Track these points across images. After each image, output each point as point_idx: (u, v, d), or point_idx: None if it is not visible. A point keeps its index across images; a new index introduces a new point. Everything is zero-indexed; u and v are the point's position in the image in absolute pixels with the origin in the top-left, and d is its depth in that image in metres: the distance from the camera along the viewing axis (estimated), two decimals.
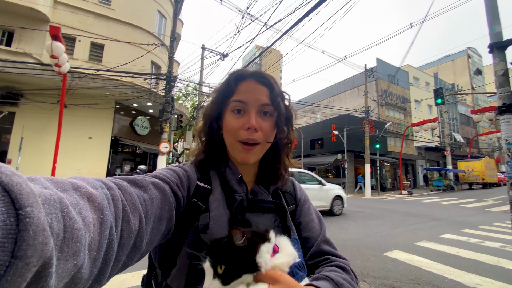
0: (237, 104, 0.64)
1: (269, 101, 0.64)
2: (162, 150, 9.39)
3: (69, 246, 0.25)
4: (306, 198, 0.78)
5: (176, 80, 10.14)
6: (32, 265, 0.20)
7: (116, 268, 0.36)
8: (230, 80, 0.66)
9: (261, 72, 0.67)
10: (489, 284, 3.36)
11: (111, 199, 0.37)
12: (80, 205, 0.30)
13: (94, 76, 9.89)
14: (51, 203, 0.25)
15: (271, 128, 0.66)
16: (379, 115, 22.30)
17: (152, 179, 0.51)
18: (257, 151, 0.65)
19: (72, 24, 11.21)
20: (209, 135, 0.69)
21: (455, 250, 4.77)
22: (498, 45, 2.32)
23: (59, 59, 6.15)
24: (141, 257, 0.44)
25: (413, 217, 8.41)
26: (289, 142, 0.73)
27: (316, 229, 0.70)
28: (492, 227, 6.93)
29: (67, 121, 9.44)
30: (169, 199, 0.51)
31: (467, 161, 23.72)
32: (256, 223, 0.60)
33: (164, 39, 14.12)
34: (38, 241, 0.21)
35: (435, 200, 14.21)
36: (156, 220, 0.46)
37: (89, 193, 0.33)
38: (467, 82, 36.01)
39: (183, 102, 23.41)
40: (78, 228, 0.27)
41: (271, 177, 0.71)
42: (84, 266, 0.28)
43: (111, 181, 0.42)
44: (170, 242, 0.56)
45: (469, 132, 32.35)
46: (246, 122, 0.62)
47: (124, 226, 0.37)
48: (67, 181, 0.32)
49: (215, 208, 0.59)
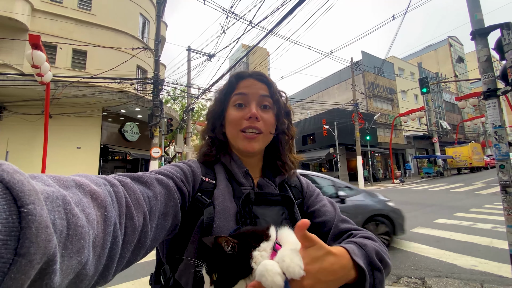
0: (238, 97, 0.68)
1: (268, 94, 0.69)
2: (154, 155, 9.25)
3: (72, 243, 0.25)
4: (313, 188, 0.78)
5: (163, 83, 9.99)
6: (35, 262, 0.20)
7: (121, 264, 0.37)
8: (231, 79, 0.71)
9: (260, 72, 0.72)
10: (484, 264, 3.47)
11: (114, 196, 0.37)
12: (83, 202, 0.30)
13: (78, 84, 9.64)
14: (53, 201, 0.25)
15: (272, 120, 0.70)
16: (367, 107, 22.64)
17: (156, 175, 0.51)
18: (259, 139, 0.67)
19: (52, 32, 10.89)
20: (212, 132, 0.72)
21: (449, 234, 4.91)
22: (480, 32, 2.38)
23: (41, 68, 5.96)
24: (146, 253, 0.44)
25: (406, 205, 8.58)
26: (290, 137, 0.76)
27: (330, 211, 0.70)
28: (483, 209, 7.16)
29: (53, 131, 9.19)
30: (174, 195, 0.51)
31: (455, 147, 24.36)
32: (263, 216, 0.60)
33: (149, 42, 13.89)
34: (41, 238, 0.21)
35: (427, 186, 14.55)
36: (161, 216, 0.46)
37: (92, 190, 0.33)
38: (450, 70, 36.88)
39: (172, 105, 23.14)
40: (82, 225, 0.27)
41: (276, 170, 0.73)
42: (88, 263, 0.28)
43: (114, 178, 0.42)
44: (177, 237, 0.57)
45: (454, 118, 33.21)
46: (248, 112, 0.66)
47: (128, 223, 0.37)
48: (70, 179, 0.32)
49: (220, 201, 0.59)
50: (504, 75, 2.28)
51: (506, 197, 2.18)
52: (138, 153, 12.86)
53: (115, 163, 14.13)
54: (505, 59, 2.21)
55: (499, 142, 2.19)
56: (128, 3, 13.25)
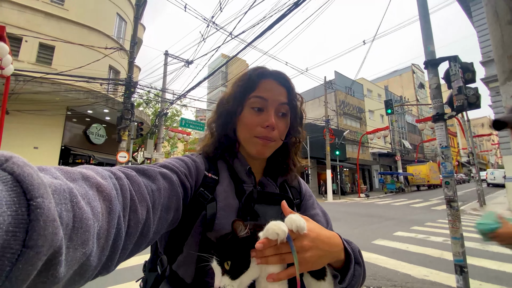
0: (257, 100, 0.65)
1: (286, 101, 0.67)
2: (120, 160, 8.85)
3: (78, 235, 0.26)
4: (310, 194, 0.80)
5: (136, 86, 9.71)
6: (42, 254, 0.21)
7: (123, 255, 0.37)
8: (253, 76, 0.67)
9: (281, 73, 0.69)
10: (435, 275, 3.73)
11: (119, 189, 0.37)
12: (89, 195, 0.30)
13: (42, 79, 9.02)
14: (60, 194, 0.25)
15: (286, 127, 0.69)
16: (338, 124, 23.74)
17: (160, 169, 0.51)
18: (272, 146, 0.67)
19: (18, 23, 10.17)
20: (222, 128, 0.70)
21: (405, 246, 5.23)
22: (431, 62, 2.69)
23: (3, 61, 5.54)
24: (148, 244, 0.45)
25: (370, 218, 9.02)
26: (298, 141, 0.77)
27: (322, 222, 0.72)
28: (436, 223, 7.73)
29: (9, 129, 8.40)
30: (177, 189, 0.51)
31: (415, 165, 26.32)
32: (264, 214, 0.61)
33: (124, 43, 13.48)
34: (48, 231, 0.21)
35: (389, 201, 15.41)
36: (163, 210, 0.47)
37: (98, 183, 0.33)
38: (413, 94, 40.20)
39: (144, 109, 22.36)
40: (87, 217, 0.27)
41: (279, 171, 0.74)
42: (92, 254, 0.29)
43: (120, 170, 0.42)
44: (177, 230, 0.57)
45: (415, 139, 35.91)
46: (265, 120, 0.64)
47: (132, 216, 0.38)
48: (77, 171, 0.33)
49: (223, 198, 0.60)
50: (451, 102, 2.59)
51: (451, 210, 2.42)
52: (103, 157, 12.15)
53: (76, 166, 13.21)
54: (451, 88, 2.52)
55: (445, 161, 2.46)
56: (105, 2, 12.83)
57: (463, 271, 2.32)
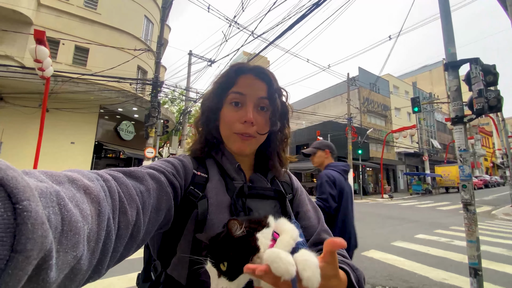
0: (235, 96, 0.66)
1: (266, 95, 0.67)
2: (148, 155, 9.37)
3: (68, 238, 0.26)
4: (302, 189, 0.80)
5: (162, 85, 10.20)
6: (32, 258, 0.20)
7: (114, 259, 0.37)
8: (230, 72, 0.67)
9: (261, 67, 0.68)
10: (455, 278, 3.68)
11: (107, 191, 0.37)
12: (77, 198, 0.30)
13: (78, 80, 9.77)
14: (47, 197, 0.25)
15: (266, 122, 0.68)
16: (361, 122, 23.10)
17: (147, 170, 0.51)
18: (252, 142, 0.67)
19: (55, 27, 11.04)
20: (206, 125, 0.71)
21: (426, 248, 5.12)
22: (452, 65, 2.65)
23: (43, 63, 6.10)
24: (138, 247, 0.44)
25: (391, 219, 8.83)
26: (285, 137, 0.76)
27: (313, 218, 0.72)
28: (462, 227, 7.41)
29: (48, 125, 9.22)
30: (166, 189, 0.51)
31: (444, 166, 24.90)
32: (257, 209, 0.62)
33: (151, 44, 14.12)
34: (37, 234, 0.21)
35: (414, 203, 14.86)
36: (153, 210, 0.46)
37: (85, 185, 0.33)
38: (444, 91, 37.90)
39: (170, 107, 23.26)
40: (76, 220, 0.27)
41: (267, 167, 0.74)
42: (83, 257, 0.28)
43: (106, 173, 0.42)
44: (170, 232, 0.57)
45: (445, 138, 33.96)
46: (243, 116, 0.64)
47: (122, 218, 0.37)
48: (62, 174, 0.32)
49: (214, 194, 0.60)
50: (471, 104, 2.55)
51: (467, 214, 2.42)
52: (132, 152, 12.91)
53: (108, 160, 14.12)
54: (472, 90, 2.48)
55: (463, 164, 2.44)
56: (133, 5, 13.53)
57: (477, 274, 2.32)
